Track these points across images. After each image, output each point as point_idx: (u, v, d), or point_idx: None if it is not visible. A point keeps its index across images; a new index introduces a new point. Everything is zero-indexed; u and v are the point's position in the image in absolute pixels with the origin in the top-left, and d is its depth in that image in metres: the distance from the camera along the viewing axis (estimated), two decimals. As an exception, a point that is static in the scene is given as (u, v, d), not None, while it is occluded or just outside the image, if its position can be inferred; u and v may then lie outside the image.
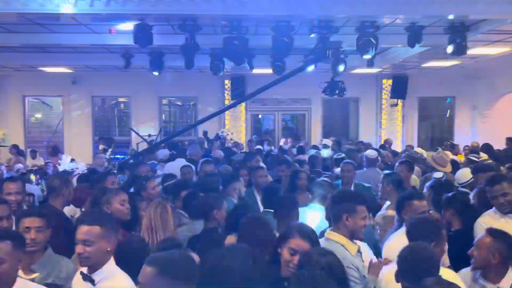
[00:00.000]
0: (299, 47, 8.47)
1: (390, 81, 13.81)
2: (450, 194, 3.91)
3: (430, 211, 4.00)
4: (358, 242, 2.92)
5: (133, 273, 2.42)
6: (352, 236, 2.83)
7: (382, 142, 12.16)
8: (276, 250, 2.60)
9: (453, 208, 3.68)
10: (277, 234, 2.94)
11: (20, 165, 9.04)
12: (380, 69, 12.58)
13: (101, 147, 11.05)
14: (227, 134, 12.98)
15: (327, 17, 6.63)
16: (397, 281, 2.40)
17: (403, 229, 3.33)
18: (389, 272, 2.69)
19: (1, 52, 10.44)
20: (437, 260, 2.41)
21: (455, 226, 3.67)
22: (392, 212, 4.17)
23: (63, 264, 2.78)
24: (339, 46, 6.15)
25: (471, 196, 4.18)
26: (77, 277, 2.53)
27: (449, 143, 10.71)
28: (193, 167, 6.04)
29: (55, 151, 11.21)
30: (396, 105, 14.03)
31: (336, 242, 2.78)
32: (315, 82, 12.83)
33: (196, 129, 13.36)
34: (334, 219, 2.90)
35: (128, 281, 2.41)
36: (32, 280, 2.65)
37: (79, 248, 2.40)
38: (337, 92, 6.29)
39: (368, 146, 9.98)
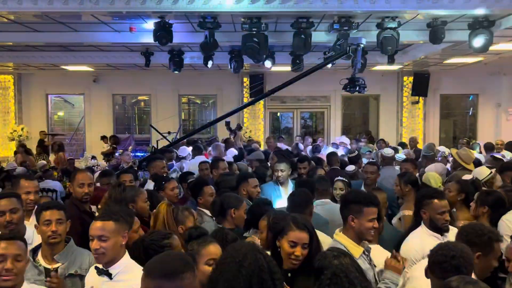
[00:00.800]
0: (318, 44, 8.46)
1: (411, 78, 13.60)
2: (485, 191, 3.87)
3: (453, 210, 3.95)
4: (369, 244, 2.87)
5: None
6: (360, 238, 2.80)
7: (404, 140, 11.99)
8: (275, 243, 2.63)
9: (487, 205, 3.62)
10: None
11: (43, 162, 9.21)
12: (401, 66, 12.39)
13: (105, 146, 11.22)
14: (245, 132, 13.02)
15: (348, 13, 6.57)
16: (427, 277, 2.37)
17: (420, 228, 3.30)
18: (418, 267, 2.65)
19: (25, 51, 10.68)
20: (470, 261, 2.33)
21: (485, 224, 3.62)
22: (408, 212, 4.12)
23: (85, 256, 2.83)
24: (360, 42, 6.07)
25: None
26: (91, 272, 2.57)
27: (465, 140, 10.52)
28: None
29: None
30: (417, 102, 13.82)
31: (340, 243, 2.77)
32: (334, 79, 12.77)
33: (214, 127, 13.42)
34: (343, 220, 2.88)
35: None
36: (56, 269, 2.73)
37: (94, 244, 2.43)
38: (358, 89, 6.20)
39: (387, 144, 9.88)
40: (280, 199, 4.73)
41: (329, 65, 8.53)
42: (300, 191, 3.75)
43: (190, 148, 8.06)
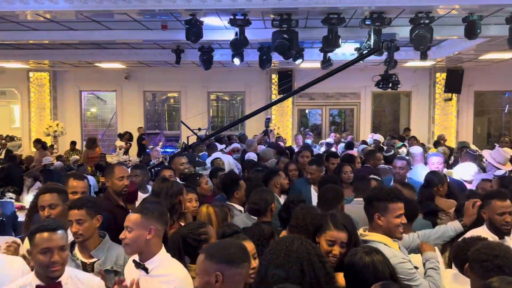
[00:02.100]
0: (349, 40, 8.37)
1: (444, 75, 13.28)
2: None
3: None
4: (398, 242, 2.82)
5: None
6: (388, 235, 2.71)
7: (435, 138, 11.73)
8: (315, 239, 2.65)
9: None
10: None
11: (76, 157, 9.46)
12: (434, 62, 12.11)
13: (119, 143, 11.41)
14: (273, 129, 13.01)
15: (380, 8, 6.46)
16: (467, 275, 2.34)
17: (481, 229, 3.19)
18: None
19: (61, 49, 10.98)
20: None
21: None
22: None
23: (121, 252, 2.82)
24: (393, 38, 5.95)
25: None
26: (129, 265, 2.61)
27: (507, 139, 10.16)
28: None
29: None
30: (451, 99, 13.49)
31: (377, 242, 2.66)
32: (364, 75, 12.65)
33: (243, 124, 13.46)
34: (369, 219, 2.81)
35: (181, 269, 2.48)
36: (92, 264, 2.79)
37: (122, 234, 2.51)
38: (390, 85, 6.10)
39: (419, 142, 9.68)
40: (310, 198, 4.74)
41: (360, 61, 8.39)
42: (331, 187, 3.73)
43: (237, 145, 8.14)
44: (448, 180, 4.81)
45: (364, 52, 6.58)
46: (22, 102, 14.74)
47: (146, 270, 2.45)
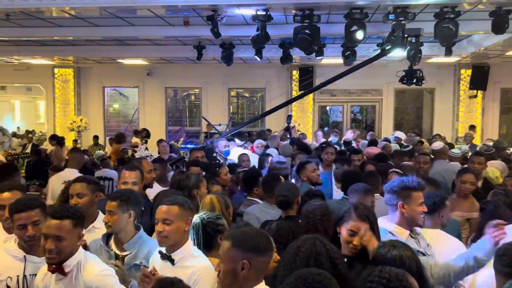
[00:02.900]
0: (371, 35, 8.26)
1: (469, 71, 12.99)
2: None
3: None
4: (418, 229, 2.86)
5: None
6: (411, 224, 2.81)
7: (460, 135, 11.51)
8: (336, 229, 2.67)
9: None
10: None
11: (101, 152, 9.60)
12: (459, 58, 11.86)
13: (134, 140, 11.51)
14: (294, 125, 12.95)
15: (404, 2, 6.35)
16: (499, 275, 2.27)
17: None
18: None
19: (84, 45, 11.17)
20: None
21: None
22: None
23: (153, 247, 2.78)
24: (418, 33, 5.83)
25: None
26: (155, 256, 2.63)
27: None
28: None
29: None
30: (476, 96, 13.20)
31: (383, 229, 2.75)
32: (387, 72, 12.50)
33: (263, 120, 13.46)
34: (390, 208, 2.88)
35: (205, 260, 2.50)
36: (123, 257, 2.81)
37: (158, 227, 2.50)
38: (415, 81, 5.99)
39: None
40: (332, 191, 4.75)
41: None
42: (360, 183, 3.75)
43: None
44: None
45: (388, 47, 6.46)
46: (47, 97, 15.06)
47: (172, 261, 2.47)
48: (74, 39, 10.12)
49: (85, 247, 2.74)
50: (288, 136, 10.49)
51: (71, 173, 5.25)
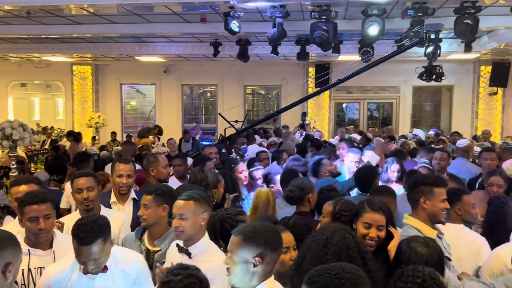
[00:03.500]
0: (389, 31, 8.16)
1: (489, 68, 12.75)
2: None
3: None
4: (441, 226, 2.80)
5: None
6: (433, 220, 2.74)
7: (478, 133, 11.31)
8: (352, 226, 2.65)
9: None
10: None
11: (119, 148, 9.70)
12: (479, 54, 11.65)
13: (144, 140, 11.56)
14: (309, 122, 12.89)
15: (423, -2, 6.26)
16: None
17: None
18: None
19: (102, 42, 11.29)
20: None
21: None
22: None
23: None
24: (438, 29, 5.73)
25: None
26: (172, 249, 2.65)
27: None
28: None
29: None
30: (496, 93, 12.95)
31: (412, 227, 2.71)
32: (405, 69, 12.36)
33: (278, 117, 13.42)
34: (412, 204, 2.83)
35: (222, 255, 2.49)
36: (154, 253, 2.84)
37: (175, 222, 2.51)
38: (434, 77, 5.89)
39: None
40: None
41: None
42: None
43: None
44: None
45: (406, 43, 6.37)
46: (66, 94, 15.29)
47: (189, 255, 2.49)
48: (92, 36, 10.25)
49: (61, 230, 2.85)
50: (301, 132, 10.45)
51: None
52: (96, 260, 2.25)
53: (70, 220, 2.91)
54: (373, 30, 6.33)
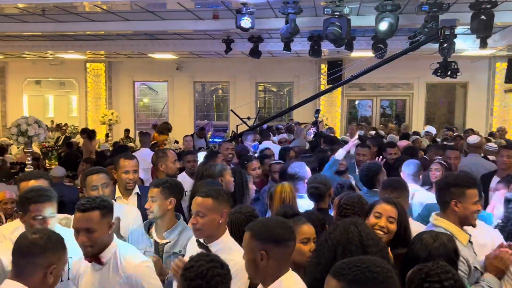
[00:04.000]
0: (403, 28, 8.09)
1: (505, 64, 12.55)
2: None
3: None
4: (470, 229, 2.70)
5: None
6: (463, 223, 2.63)
7: (493, 130, 11.17)
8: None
9: None
10: None
11: (132, 145, 9.78)
12: (494, 51, 11.48)
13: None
14: (322, 120, 12.84)
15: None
16: None
17: None
18: None
19: (116, 39, 11.37)
20: None
21: None
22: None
23: (192, 235, 2.75)
24: (453, 24, 5.64)
25: None
26: (192, 244, 2.63)
27: None
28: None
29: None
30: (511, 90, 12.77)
31: (444, 229, 2.58)
32: (418, 65, 12.23)
33: (290, 114, 13.40)
34: (442, 206, 2.70)
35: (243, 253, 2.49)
36: (163, 245, 2.85)
37: (192, 219, 2.48)
38: (449, 73, 5.80)
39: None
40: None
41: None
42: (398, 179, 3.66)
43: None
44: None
45: (421, 39, 6.30)
46: (79, 92, 15.43)
47: (209, 251, 2.45)
48: (105, 33, 10.33)
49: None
50: (315, 130, 10.42)
51: (145, 152, 6.71)
52: (91, 234, 2.31)
53: None
54: (383, 25, 6.28)
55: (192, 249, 2.58)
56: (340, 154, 4.56)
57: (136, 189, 3.69)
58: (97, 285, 2.40)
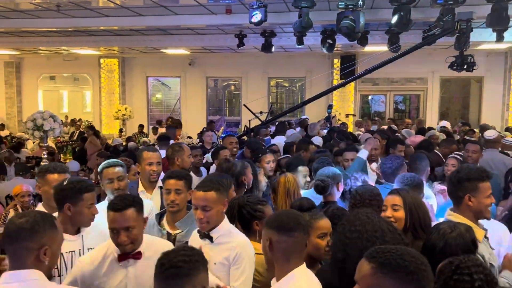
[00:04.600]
0: (417, 21, 7.99)
1: (522, 58, 12.38)
2: None
3: None
4: (486, 223, 2.68)
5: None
6: (478, 217, 2.61)
7: (510, 125, 11.02)
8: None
9: None
10: None
11: (146, 139, 9.84)
12: (511, 45, 11.30)
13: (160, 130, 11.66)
14: (335, 115, 12.79)
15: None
16: None
17: None
18: None
19: (129, 35, 11.43)
20: None
21: None
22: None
23: None
24: (470, 17, 5.55)
25: None
26: (194, 235, 2.66)
27: None
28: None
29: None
30: (528, 85, 12.57)
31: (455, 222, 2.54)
32: (432, 59, 12.11)
33: (302, 109, 13.36)
34: (455, 200, 2.68)
35: (242, 236, 2.54)
36: (175, 235, 2.88)
37: (199, 214, 2.48)
38: (465, 67, 5.71)
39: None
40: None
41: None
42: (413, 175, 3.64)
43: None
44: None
45: (434, 31, 6.22)
46: (93, 87, 15.57)
47: (211, 239, 2.51)
48: (119, 29, 10.40)
49: None
50: (328, 125, 10.38)
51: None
52: (130, 232, 2.31)
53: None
54: (395, 19, 6.22)
55: (195, 240, 2.61)
56: (363, 153, 4.59)
57: (160, 183, 3.69)
58: (133, 282, 2.38)
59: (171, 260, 1.81)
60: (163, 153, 4.32)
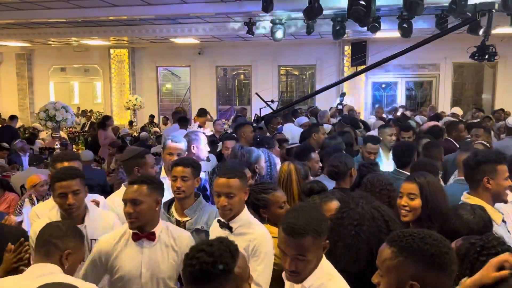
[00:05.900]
0: (429, 6, 7.85)
1: (537, 43, 12.11)
2: None
3: None
4: (503, 206, 2.68)
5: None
6: (496, 200, 2.63)
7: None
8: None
9: None
10: None
11: (156, 129, 9.89)
12: (526, 29, 11.06)
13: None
14: (346, 103, 12.67)
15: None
16: None
17: None
18: None
19: (138, 25, 11.43)
20: None
21: None
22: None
23: (213, 213, 2.88)
24: (492, 8, 5.42)
25: None
26: (214, 225, 2.67)
27: None
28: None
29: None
30: (543, 70, 12.33)
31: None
32: (445, 46, 11.90)
33: (313, 98, 13.27)
34: (473, 184, 2.68)
35: (261, 227, 2.54)
36: (184, 222, 2.90)
37: (222, 201, 2.47)
38: (487, 57, 5.61)
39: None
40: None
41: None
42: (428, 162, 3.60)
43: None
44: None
45: (455, 21, 6.08)
46: (104, 78, 15.63)
47: (230, 229, 2.51)
48: (128, 18, 10.38)
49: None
50: (338, 114, 10.31)
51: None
52: (136, 205, 2.41)
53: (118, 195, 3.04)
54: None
55: (215, 230, 2.62)
56: None
57: None
58: (147, 263, 2.43)
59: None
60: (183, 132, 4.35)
